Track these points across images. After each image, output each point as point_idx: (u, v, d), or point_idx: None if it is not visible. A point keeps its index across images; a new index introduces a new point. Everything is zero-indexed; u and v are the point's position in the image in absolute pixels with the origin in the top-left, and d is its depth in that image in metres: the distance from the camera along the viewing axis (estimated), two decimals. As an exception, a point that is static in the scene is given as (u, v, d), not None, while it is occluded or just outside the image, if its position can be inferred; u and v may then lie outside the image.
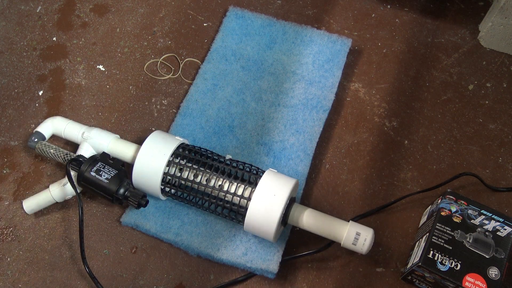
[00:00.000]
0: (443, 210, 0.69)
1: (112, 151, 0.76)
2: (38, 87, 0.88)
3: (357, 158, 0.82)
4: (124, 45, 0.92)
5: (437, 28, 0.95)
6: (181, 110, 0.84)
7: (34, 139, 0.77)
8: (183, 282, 0.72)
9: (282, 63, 0.88)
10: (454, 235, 0.67)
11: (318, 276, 0.72)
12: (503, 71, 0.90)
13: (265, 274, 0.71)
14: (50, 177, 0.79)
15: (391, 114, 0.86)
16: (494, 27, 0.89)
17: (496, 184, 0.79)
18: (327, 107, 0.84)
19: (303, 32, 0.91)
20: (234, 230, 0.73)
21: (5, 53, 0.91)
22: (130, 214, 0.75)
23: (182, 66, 0.90)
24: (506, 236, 0.67)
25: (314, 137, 0.81)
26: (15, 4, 0.96)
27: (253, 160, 0.79)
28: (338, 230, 0.67)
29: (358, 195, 0.78)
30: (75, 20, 0.95)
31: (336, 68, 0.87)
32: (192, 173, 0.70)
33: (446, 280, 0.64)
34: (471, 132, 0.84)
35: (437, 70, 0.90)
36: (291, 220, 0.69)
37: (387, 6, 0.97)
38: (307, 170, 0.78)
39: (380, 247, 0.74)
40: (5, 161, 0.81)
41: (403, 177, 0.80)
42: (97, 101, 0.87)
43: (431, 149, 0.83)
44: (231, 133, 0.82)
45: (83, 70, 0.90)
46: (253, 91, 0.86)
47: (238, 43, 0.90)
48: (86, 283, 0.71)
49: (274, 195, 0.65)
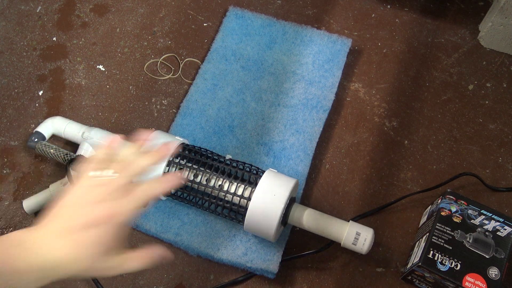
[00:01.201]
0: (443, 210, 0.69)
1: (112, 151, 0.76)
2: (38, 87, 0.88)
3: (357, 158, 0.82)
4: (124, 45, 0.92)
5: (437, 28, 0.95)
6: (181, 110, 0.84)
7: (34, 139, 0.77)
8: (183, 282, 0.72)
9: (282, 63, 0.88)
10: (454, 235, 0.67)
11: (318, 276, 0.72)
12: (503, 71, 0.90)
13: (265, 274, 0.71)
14: (50, 177, 0.79)
15: (391, 114, 0.86)
16: (494, 27, 0.89)
17: (496, 184, 0.79)
18: (327, 107, 0.84)
19: (303, 32, 0.91)
20: (234, 230, 0.73)
21: (5, 53, 0.91)
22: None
23: (182, 66, 0.90)
24: (506, 236, 0.67)
25: (314, 137, 0.81)
26: (15, 4, 0.96)
27: (253, 160, 0.79)
28: (338, 230, 0.67)
29: (358, 195, 0.79)
30: (75, 20, 0.95)
31: (336, 68, 0.87)
32: (192, 173, 0.70)
33: (446, 280, 0.64)
34: (471, 132, 0.84)
35: (437, 70, 0.90)
36: (291, 220, 0.69)
37: (387, 6, 0.97)
38: (307, 170, 0.78)
39: (380, 247, 0.74)
40: (5, 161, 0.81)
41: (403, 177, 0.80)
42: (97, 101, 0.87)
43: (431, 149, 0.83)
44: (231, 133, 0.82)
45: (83, 70, 0.90)
46: (253, 91, 0.86)
47: (238, 43, 0.90)
48: (86, 283, 0.71)
49: (274, 195, 0.65)
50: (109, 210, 0.44)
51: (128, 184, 0.46)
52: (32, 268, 0.42)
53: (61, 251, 0.43)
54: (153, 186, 0.47)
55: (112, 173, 0.47)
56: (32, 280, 0.42)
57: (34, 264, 0.42)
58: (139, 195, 0.46)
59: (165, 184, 0.48)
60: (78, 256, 0.43)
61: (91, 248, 0.43)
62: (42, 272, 0.42)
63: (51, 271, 0.42)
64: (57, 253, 0.42)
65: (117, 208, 0.44)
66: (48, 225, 0.44)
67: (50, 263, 0.42)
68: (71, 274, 0.43)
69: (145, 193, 0.46)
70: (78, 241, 0.43)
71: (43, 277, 0.42)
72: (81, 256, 0.43)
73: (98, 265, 0.44)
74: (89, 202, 0.44)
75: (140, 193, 0.46)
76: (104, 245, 0.44)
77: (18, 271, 0.41)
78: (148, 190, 0.47)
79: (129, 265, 0.45)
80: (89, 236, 0.43)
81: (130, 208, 0.45)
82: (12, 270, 0.41)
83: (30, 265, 0.42)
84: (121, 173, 0.47)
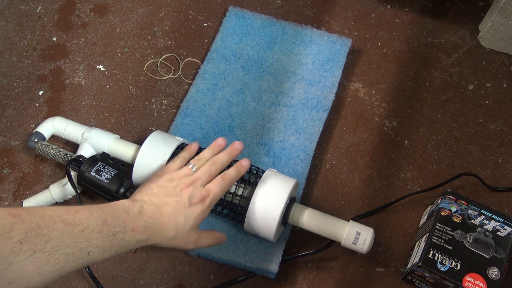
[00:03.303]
0: (443, 210, 0.69)
1: (112, 151, 0.76)
2: (38, 87, 0.88)
3: (357, 158, 0.82)
4: (124, 45, 0.92)
5: (437, 28, 0.95)
6: (181, 110, 0.84)
7: (34, 139, 0.77)
8: (183, 282, 0.72)
9: (282, 63, 0.88)
10: (454, 235, 0.67)
11: (318, 276, 0.72)
12: (503, 71, 0.91)
13: (265, 274, 0.71)
14: (50, 177, 0.79)
15: (391, 114, 0.86)
16: (494, 27, 0.89)
17: (496, 184, 0.79)
18: (327, 107, 0.84)
19: (303, 32, 0.91)
20: (234, 230, 0.73)
21: (5, 53, 0.91)
22: (130, 214, 0.75)
23: (182, 66, 0.90)
24: (506, 236, 0.67)
25: (314, 137, 0.81)
26: (15, 4, 0.96)
27: (253, 160, 0.79)
28: (338, 230, 0.67)
29: (358, 195, 0.79)
30: (75, 20, 0.95)
31: (336, 68, 0.87)
32: (192, 173, 0.70)
33: (446, 280, 0.64)
34: (471, 132, 0.84)
35: (437, 70, 0.90)
36: (291, 220, 0.69)
37: (387, 6, 0.97)
38: (307, 170, 0.78)
39: (380, 247, 0.74)
40: (5, 161, 0.81)
41: (403, 177, 0.80)
42: (97, 101, 0.87)
43: (431, 149, 0.83)
44: (231, 133, 0.82)
45: (83, 70, 0.90)
46: (253, 91, 0.86)
47: (238, 43, 0.90)
48: (86, 283, 0.71)
49: (274, 195, 0.65)
50: (206, 193, 0.55)
51: (213, 175, 0.58)
52: (139, 229, 0.51)
53: (165, 209, 0.53)
54: (231, 172, 0.59)
55: (194, 168, 0.58)
56: (134, 242, 0.51)
57: (140, 226, 0.51)
58: (224, 181, 0.57)
59: (239, 170, 0.61)
60: (179, 221, 0.53)
61: (190, 219, 0.54)
62: (145, 234, 0.51)
63: (151, 235, 0.52)
64: (161, 219, 0.53)
65: (210, 192, 0.55)
66: (153, 197, 0.54)
67: (151, 228, 0.52)
68: (161, 242, 0.53)
69: (227, 178, 0.58)
70: (182, 209, 0.54)
71: (141, 240, 0.51)
72: (181, 221, 0.53)
73: (185, 236, 0.54)
74: (189, 184, 0.55)
75: (223, 180, 0.57)
76: (197, 221, 0.54)
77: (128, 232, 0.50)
78: (229, 176, 0.58)
79: (203, 241, 0.57)
80: (194, 210, 0.54)
81: (217, 193, 0.56)
82: (125, 230, 0.49)
83: (137, 228, 0.51)
84: (205, 167, 0.58)
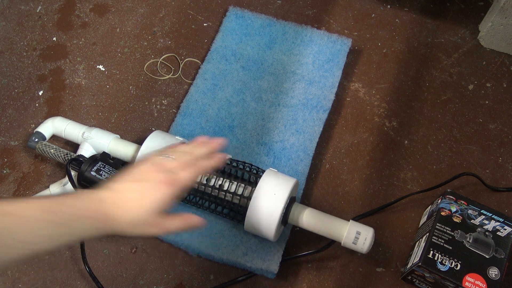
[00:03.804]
0: (443, 210, 0.69)
1: (112, 151, 0.76)
2: (38, 87, 0.88)
3: (357, 158, 0.82)
4: (124, 45, 0.92)
5: (437, 28, 0.95)
6: (181, 110, 0.84)
7: (34, 139, 0.77)
8: (183, 282, 0.72)
9: (282, 63, 0.88)
10: (454, 235, 0.67)
11: (318, 276, 0.72)
12: (503, 71, 0.91)
13: (265, 274, 0.71)
14: (50, 177, 0.79)
15: (391, 114, 0.86)
16: (494, 27, 0.89)
17: (496, 184, 0.79)
18: (327, 107, 0.84)
19: (303, 32, 0.91)
20: (234, 230, 0.73)
21: (5, 53, 0.91)
22: (130, 214, 0.75)
23: (182, 66, 0.90)
24: (506, 236, 0.67)
25: (314, 137, 0.81)
26: (15, 4, 0.96)
27: (253, 160, 0.79)
28: (339, 229, 0.67)
29: (358, 195, 0.79)
30: (75, 20, 0.95)
31: (336, 68, 0.87)
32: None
33: (446, 280, 0.64)
34: (471, 132, 0.84)
35: (437, 70, 0.90)
36: (291, 220, 0.69)
37: (387, 6, 0.97)
38: (307, 170, 0.78)
39: (380, 247, 0.74)
40: (5, 161, 0.81)
41: (403, 177, 0.80)
42: (97, 101, 0.87)
43: (431, 149, 0.83)
44: (231, 133, 0.82)
45: (83, 70, 0.90)
46: (253, 91, 0.86)
47: (238, 43, 0.90)
48: (86, 283, 0.71)
49: (274, 195, 0.65)
50: (174, 176, 0.54)
51: (185, 163, 0.56)
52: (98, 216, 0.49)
53: (129, 194, 0.52)
54: (205, 161, 0.58)
55: (172, 157, 0.57)
56: (94, 229, 0.49)
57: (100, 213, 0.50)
58: (195, 169, 0.56)
59: (214, 160, 0.59)
60: (143, 203, 0.51)
61: (155, 201, 0.52)
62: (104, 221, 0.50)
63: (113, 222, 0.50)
64: (124, 204, 0.51)
65: (179, 176, 0.54)
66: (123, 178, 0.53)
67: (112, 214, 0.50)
68: (125, 228, 0.51)
69: (199, 166, 0.57)
70: (147, 191, 0.52)
71: (100, 227, 0.50)
72: (145, 204, 0.51)
73: (149, 220, 0.51)
74: (157, 170, 0.54)
75: (194, 167, 0.56)
76: (162, 203, 0.52)
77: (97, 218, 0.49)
78: (201, 164, 0.57)
79: (171, 224, 0.54)
80: (159, 192, 0.52)
81: (187, 178, 0.55)
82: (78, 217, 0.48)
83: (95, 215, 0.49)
84: (179, 156, 0.58)
